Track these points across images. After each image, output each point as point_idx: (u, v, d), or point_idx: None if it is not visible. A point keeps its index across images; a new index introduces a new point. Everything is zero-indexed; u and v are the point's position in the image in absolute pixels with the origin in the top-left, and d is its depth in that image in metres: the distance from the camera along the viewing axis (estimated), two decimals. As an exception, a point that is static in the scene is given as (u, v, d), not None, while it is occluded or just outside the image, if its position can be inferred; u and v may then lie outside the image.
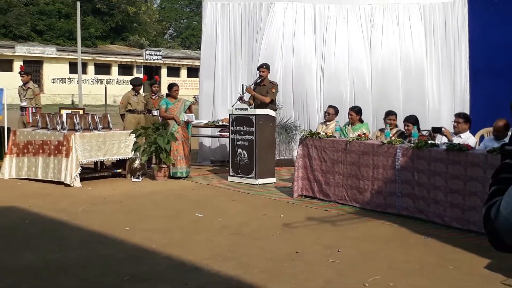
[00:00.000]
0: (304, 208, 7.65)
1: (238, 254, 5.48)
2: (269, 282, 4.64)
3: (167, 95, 10.61)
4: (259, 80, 10.16)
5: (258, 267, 5.05)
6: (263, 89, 10.11)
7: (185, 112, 10.23)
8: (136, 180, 9.74)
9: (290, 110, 11.47)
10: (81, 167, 9.21)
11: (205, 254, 5.41)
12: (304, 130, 8.91)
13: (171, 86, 10.59)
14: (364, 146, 7.45)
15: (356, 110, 8.86)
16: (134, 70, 42.05)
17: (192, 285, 4.60)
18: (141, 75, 36.72)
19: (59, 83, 38.14)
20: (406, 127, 8.05)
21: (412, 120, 8.09)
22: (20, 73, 11.92)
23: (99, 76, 40.11)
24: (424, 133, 7.67)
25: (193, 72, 44.85)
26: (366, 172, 7.35)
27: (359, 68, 11.67)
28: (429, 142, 6.90)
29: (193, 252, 5.50)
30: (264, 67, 10.16)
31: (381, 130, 8.43)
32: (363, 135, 7.82)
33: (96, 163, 10.12)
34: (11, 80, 28.32)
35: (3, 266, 5.01)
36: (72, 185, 8.91)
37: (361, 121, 8.86)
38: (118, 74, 41.52)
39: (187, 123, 10.30)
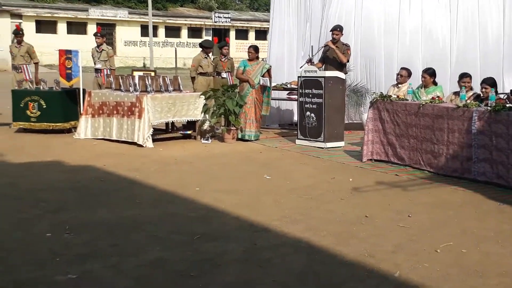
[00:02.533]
0: (373, 172, 7.54)
1: (307, 216, 5.48)
2: (338, 245, 4.62)
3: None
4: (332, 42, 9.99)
5: (326, 230, 5.04)
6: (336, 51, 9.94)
7: (262, 76, 10.13)
8: (206, 141, 9.86)
9: (360, 73, 11.25)
10: (153, 128, 9.40)
11: (274, 216, 5.44)
12: (374, 93, 8.72)
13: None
14: (438, 109, 7.21)
15: (429, 73, 8.56)
16: (203, 33, 42.27)
17: (261, 245, 4.65)
18: (210, 38, 36.90)
19: (131, 46, 38.89)
20: (483, 90, 7.72)
21: (489, 82, 7.75)
22: (96, 34, 12.16)
23: (169, 39, 40.59)
24: (502, 96, 7.34)
25: (261, 34, 44.62)
26: (441, 136, 7.13)
27: (433, 29, 11.26)
28: (507, 105, 6.59)
29: (262, 213, 5.54)
30: (337, 30, 9.96)
31: (456, 94, 8.13)
32: (436, 98, 7.57)
33: (167, 124, 10.32)
34: (85, 43, 29.12)
35: (80, 222, 5.22)
36: (144, 145, 9.13)
37: (435, 83, 8.56)
38: (188, 37, 41.87)
39: (264, 86, 10.21)
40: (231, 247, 4.58)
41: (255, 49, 10.36)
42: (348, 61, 10.05)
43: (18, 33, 12.10)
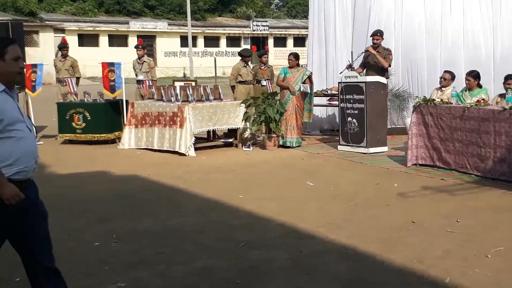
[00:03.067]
0: (419, 177, 7.42)
1: (352, 223, 5.43)
2: (385, 252, 4.56)
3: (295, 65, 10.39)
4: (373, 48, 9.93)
5: (372, 236, 4.98)
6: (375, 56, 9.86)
7: (303, 82, 10.11)
8: (247, 149, 9.89)
9: (402, 77, 11.11)
10: (195, 137, 9.49)
11: (318, 223, 5.40)
12: (417, 97, 8.59)
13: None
14: (483, 112, 7.06)
15: (473, 75, 8.39)
16: (242, 42, 42.51)
17: (306, 252, 4.62)
18: (248, 46, 37.06)
19: (171, 57, 39.40)
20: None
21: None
22: (137, 46, 12.36)
23: (209, 49, 40.96)
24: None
25: (299, 41, 44.62)
26: (487, 139, 6.97)
27: (475, 30, 11.05)
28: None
29: (306, 220, 5.51)
30: (378, 35, 9.89)
31: (501, 96, 7.94)
32: (482, 101, 7.41)
33: (208, 133, 10.39)
34: (126, 55, 29.65)
35: (127, 231, 5.29)
36: (187, 154, 9.21)
37: (480, 86, 8.39)
38: (227, 46, 42.18)
39: (305, 93, 10.19)
40: (276, 255, 4.57)
41: (296, 56, 10.36)
42: (390, 66, 9.97)
43: (64, 47, 12.40)
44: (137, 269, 4.27)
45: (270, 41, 44.08)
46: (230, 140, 10.27)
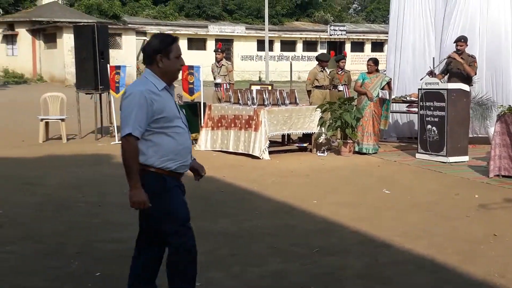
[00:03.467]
0: (501, 189, 7.12)
1: (430, 233, 5.28)
2: (464, 264, 4.40)
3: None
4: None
5: (451, 247, 4.83)
6: (461, 63, 9.56)
7: (382, 89, 9.96)
8: (322, 154, 9.82)
9: (485, 84, 10.70)
10: (269, 140, 9.52)
11: (395, 231, 5.29)
12: (502, 106, 8.26)
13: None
14: None
15: None
16: (318, 46, 42.35)
17: (382, 261, 4.54)
18: (325, 51, 36.90)
19: (247, 60, 39.79)
20: None
21: None
22: (216, 50, 12.55)
23: (285, 53, 41.06)
24: None
25: (378, 46, 43.98)
26: None
27: None
28: None
29: (382, 228, 5.41)
30: (462, 41, 9.60)
31: None
32: None
33: (283, 137, 10.40)
34: (204, 58, 30.19)
35: (203, 231, 5.36)
36: (261, 157, 9.26)
37: None
38: (303, 51, 42.15)
39: (383, 99, 10.03)
40: (351, 262, 4.51)
41: (375, 62, 10.20)
42: (475, 74, 9.62)
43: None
44: (212, 270, 4.32)
45: (347, 46, 43.68)
46: (305, 144, 10.24)
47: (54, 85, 29.61)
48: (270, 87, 10.89)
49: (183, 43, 37.85)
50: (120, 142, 3.22)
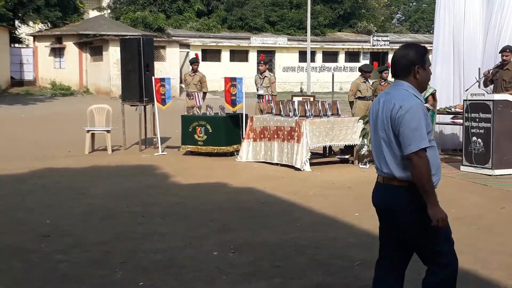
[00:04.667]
0: (549, 203, 6.95)
1: (474, 247, 5.19)
2: (509, 280, 4.32)
3: None
4: (500, 64, 9.46)
5: (497, 263, 4.73)
6: (506, 74, 9.39)
7: (426, 100, 9.85)
8: (364, 166, 9.76)
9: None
10: (311, 152, 9.52)
11: (438, 245, 5.21)
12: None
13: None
14: None
15: None
16: (361, 57, 42.08)
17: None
18: (367, 62, 36.66)
19: (289, 72, 39.84)
20: None
21: None
22: (260, 62, 12.65)
23: (327, 64, 40.95)
24: None
25: (421, 57, 43.30)
26: None
27: None
28: None
29: (425, 242, 5.33)
30: (507, 50, 9.42)
31: None
32: None
33: (324, 148, 10.39)
34: (245, 70, 30.39)
35: (244, 242, 5.42)
36: (302, 169, 9.26)
37: None
38: (345, 61, 41.94)
39: (427, 110, 9.91)
40: (393, 276, 4.47)
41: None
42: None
43: (195, 61, 12.94)
44: (253, 281, 4.35)
45: (390, 56, 43.21)
46: (346, 156, 10.19)
47: (100, 97, 30.29)
48: (312, 98, 10.90)
49: (225, 55, 38.27)
50: (412, 159, 2.98)
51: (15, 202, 7.20)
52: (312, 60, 37.18)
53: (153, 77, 11.69)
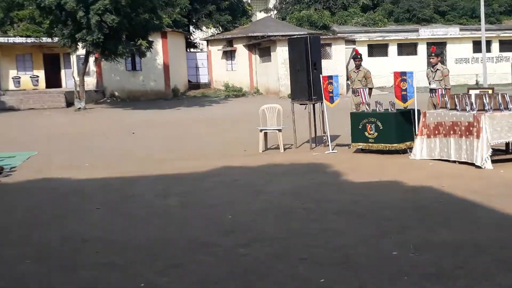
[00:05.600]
0: None
1: None
2: None
3: None
4: None
5: None
6: None
7: None
8: (553, 163, 8.98)
9: None
10: (492, 148, 8.97)
11: None
12: None
13: None
14: None
15: None
16: (545, 44, 38.66)
17: None
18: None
19: (462, 63, 37.82)
20: None
21: None
22: (430, 54, 12.19)
23: (504, 54, 38.23)
24: None
25: None
26: None
27: None
28: None
29: None
30: None
31: None
32: None
33: (507, 144, 9.72)
34: (414, 64, 29.45)
35: (423, 242, 5.27)
36: (483, 167, 8.76)
37: None
38: (527, 51, 38.83)
39: None
40: None
41: None
42: None
43: (356, 57, 12.88)
44: (436, 283, 4.23)
45: None
46: (533, 152, 9.45)
47: (269, 97, 31.26)
48: (490, 91, 10.26)
49: (392, 49, 37.39)
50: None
51: (198, 198, 7.71)
52: (488, 50, 34.90)
53: (320, 75, 11.80)
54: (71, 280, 4.71)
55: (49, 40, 29.93)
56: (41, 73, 34.67)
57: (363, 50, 34.52)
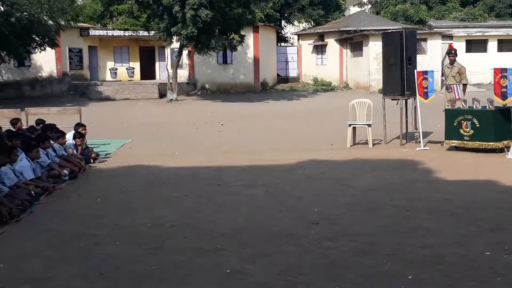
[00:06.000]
0: None
1: None
2: None
3: None
4: None
5: None
6: None
7: None
8: None
9: None
10: None
11: None
12: None
13: None
14: None
15: None
16: None
17: None
18: None
19: None
20: None
21: None
22: (450, 52, 11.81)
23: None
24: None
25: None
26: None
27: None
28: None
29: None
30: None
31: None
32: None
33: None
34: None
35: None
36: None
37: None
38: None
39: None
40: None
41: None
42: None
43: (450, 53, 12.42)
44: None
45: None
46: None
47: (359, 92, 30.80)
48: None
49: (492, 45, 35.75)
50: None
51: (285, 190, 7.70)
52: None
53: (415, 70, 11.46)
54: (161, 262, 4.84)
55: (146, 33, 31.05)
56: (136, 65, 36.00)
57: (461, 46, 33.28)
